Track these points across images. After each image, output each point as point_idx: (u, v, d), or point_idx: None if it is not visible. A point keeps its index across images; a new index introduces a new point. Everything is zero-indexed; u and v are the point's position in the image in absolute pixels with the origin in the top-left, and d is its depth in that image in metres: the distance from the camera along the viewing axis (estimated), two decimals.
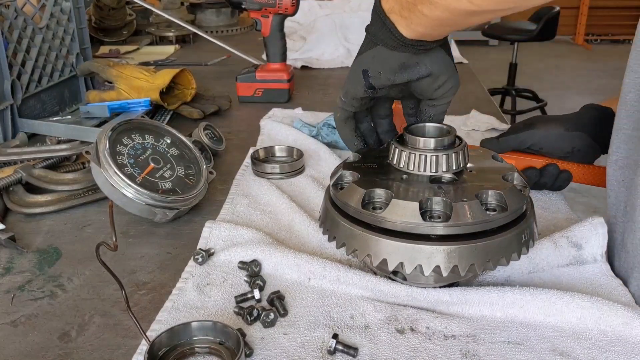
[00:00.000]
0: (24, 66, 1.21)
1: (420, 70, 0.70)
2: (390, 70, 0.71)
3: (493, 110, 1.37)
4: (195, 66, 1.82)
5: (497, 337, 0.63)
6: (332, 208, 0.69)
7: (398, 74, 0.71)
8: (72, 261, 0.81)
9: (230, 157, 1.14)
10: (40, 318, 0.69)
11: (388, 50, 0.70)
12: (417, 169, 0.68)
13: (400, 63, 0.70)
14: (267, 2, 1.40)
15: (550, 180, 0.91)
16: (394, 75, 0.71)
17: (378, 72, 0.71)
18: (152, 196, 0.84)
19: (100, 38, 2.13)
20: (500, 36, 4.11)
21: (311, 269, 0.72)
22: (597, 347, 0.61)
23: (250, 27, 2.40)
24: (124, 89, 1.30)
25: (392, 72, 0.71)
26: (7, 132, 1.16)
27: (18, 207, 0.92)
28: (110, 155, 0.84)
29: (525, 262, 0.73)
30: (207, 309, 0.68)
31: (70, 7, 1.34)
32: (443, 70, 0.71)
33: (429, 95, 0.73)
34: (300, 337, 0.63)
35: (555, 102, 4.60)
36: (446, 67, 0.71)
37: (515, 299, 0.66)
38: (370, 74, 0.72)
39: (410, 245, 0.62)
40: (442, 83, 0.71)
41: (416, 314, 0.66)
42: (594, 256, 0.74)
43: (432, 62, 0.70)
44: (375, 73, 0.72)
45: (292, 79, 1.51)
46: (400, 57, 0.70)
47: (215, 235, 0.81)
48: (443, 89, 0.72)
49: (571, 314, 0.64)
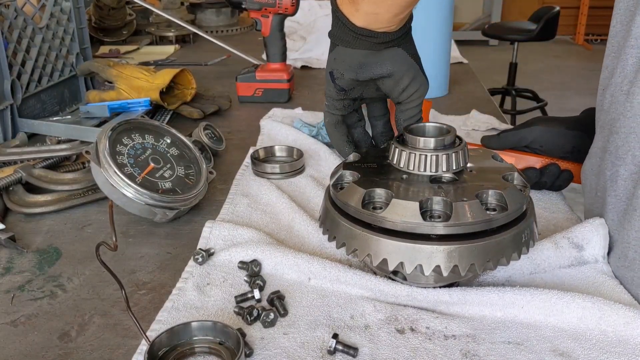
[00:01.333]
0: (24, 66, 1.21)
1: (380, 69, 0.71)
2: (350, 70, 0.72)
3: (493, 110, 1.37)
4: (195, 66, 1.82)
5: (497, 337, 0.63)
6: (332, 208, 0.69)
7: (359, 73, 0.72)
8: (72, 261, 0.80)
9: (230, 157, 1.14)
10: (40, 318, 0.69)
11: (346, 49, 0.71)
12: (417, 169, 0.68)
13: (359, 62, 0.71)
14: (267, 2, 1.40)
15: (550, 179, 0.91)
16: (355, 74, 0.72)
17: (340, 73, 0.73)
18: (152, 196, 0.84)
19: (100, 38, 2.13)
20: (500, 36, 4.11)
21: (311, 269, 0.72)
22: (598, 347, 0.61)
23: (250, 27, 2.40)
24: (124, 89, 1.30)
25: (352, 71, 0.72)
26: (7, 132, 1.16)
27: (18, 207, 0.92)
28: (110, 155, 0.84)
29: (526, 263, 0.73)
30: (207, 309, 0.68)
31: (70, 7, 1.34)
32: (405, 71, 0.72)
33: (396, 98, 0.74)
34: (300, 337, 0.63)
35: (555, 102, 4.60)
36: (408, 69, 0.72)
37: (516, 299, 0.65)
38: (335, 75, 0.73)
39: (410, 245, 0.62)
40: (405, 86, 0.72)
41: (416, 314, 0.66)
42: (595, 257, 0.74)
43: (393, 61, 0.71)
44: (338, 74, 0.74)
45: (292, 79, 1.51)
46: (358, 55, 0.71)
47: (215, 235, 0.81)
48: (407, 92, 0.73)
49: (572, 314, 0.64)
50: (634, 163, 0.69)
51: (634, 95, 0.67)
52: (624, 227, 0.71)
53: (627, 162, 0.70)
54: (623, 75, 0.70)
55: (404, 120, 0.75)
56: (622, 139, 0.70)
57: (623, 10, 0.71)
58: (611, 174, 0.73)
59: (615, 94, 0.72)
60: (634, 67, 0.68)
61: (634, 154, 0.69)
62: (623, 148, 0.70)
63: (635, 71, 0.68)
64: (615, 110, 0.72)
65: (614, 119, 0.72)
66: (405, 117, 0.75)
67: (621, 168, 0.71)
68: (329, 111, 0.79)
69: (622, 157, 0.71)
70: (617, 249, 0.73)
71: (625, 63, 0.69)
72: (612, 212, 0.74)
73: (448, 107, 1.41)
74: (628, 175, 0.70)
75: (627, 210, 0.70)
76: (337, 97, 0.76)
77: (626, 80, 0.69)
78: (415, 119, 0.75)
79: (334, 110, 0.78)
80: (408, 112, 0.75)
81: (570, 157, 0.92)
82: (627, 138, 0.70)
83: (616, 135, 0.72)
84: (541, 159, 0.93)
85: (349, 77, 0.72)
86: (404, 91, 0.73)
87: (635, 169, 0.69)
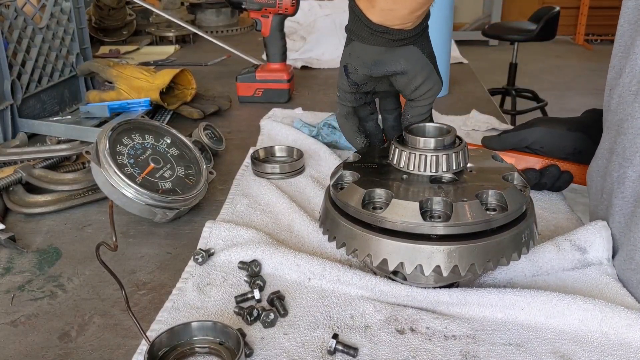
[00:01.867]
0: (24, 66, 1.21)
1: (394, 66, 0.72)
2: (364, 66, 0.72)
3: (493, 110, 1.37)
4: (195, 66, 1.82)
5: (498, 338, 0.63)
6: (332, 208, 0.69)
7: (373, 69, 0.72)
8: (72, 261, 0.80)
9: (230, 157, 1.14)
10: (40, 318, 0.69)
11: (362, 45, 0.71)
12: (417, 169, 0.68)
13: (374, 58, 0.72)
14: (267, 2, 1.40)
15: (550, 181, 0.91)
16: (369, 70, 0.72)
17: (355, 68, 0.74)
18: (152, 196, 0.84)
19: (100, 38, 2.13)
20: (500, 36, 4.11)
21: (311, 269, 0.72)
22: (599, 350, 0.61)
23: (250, 27, 2.40)
24: (124, 89, 1.30)
25: (366, 67, 0.72)
26: (7, 132, 1.16)
27: (18, 207, 0.92)
28: (110, 155, 0.84)
29: (528, 265, 0.73)
30: (207, 309, 0.68)
31: (70, 7, 1.34)
32: (419, 70, 0.72)
33: (408, 95, 0.74)
34: (300, 337, 0.63)
35: (556, 102, 4.60)
36: (422, 68, 0.72)
37: (516, 300, 0.65)
38: (349, 70, 0.74)
39: (410, 245, 0.62)
40: (418, 84, 0.72)
41: (416, 314, 0.66)
42: (599, 259, 0.73)
43: (407, 60, 0.71)
44: (352, 69, 0.74)
45: (292, 79, 1.51)
46: (373, 51, 0.71)
47: (215, 235, 0.81)
48: (420, 91, 0.73)
49: (573, 315, 0.64)
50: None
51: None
52: (631, 229, 0.70)
53: (635, 163, 0.69)
54: (632, 75, 0.69)
55: (412, 117, 0.75)
56: (629, 140, 0.69)
57: (631, 10, 0.70)
58: (618, 175, 0.72)
59: (624, 94, 0.71)
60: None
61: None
62: (631, 149, 0.69)
63: None
64: (623, 110, 0.71)
65: (621, 119, 0.71)
66: (414, 114, 0.75)
67: (629, 169, 0.70)
68: (340, 102, 0.79)
69: (630, 158, 0.70)
70: (623, 252, 0.72)
71: (635, 63, 0.68)
72: (618, 214, 0.73)
73: (448, 107, 1.41)
74: (636, 177, 0.69)
75: (634, 213, 0.69)
76: (350, 90, 0.76)
77: (634, 80, 0.68)
78: (423, 117, 0.75)
79: (345, 102, 0.78)
80: (418, 109, 0.74)
81: (571, 158, 0.92)
82: (635, 139, 0.69)
83: (624, 137, 0.70)
84: (541, 160, 0.93)
85: (362, 73, 0.73)
86: (417, 89, 0.73)
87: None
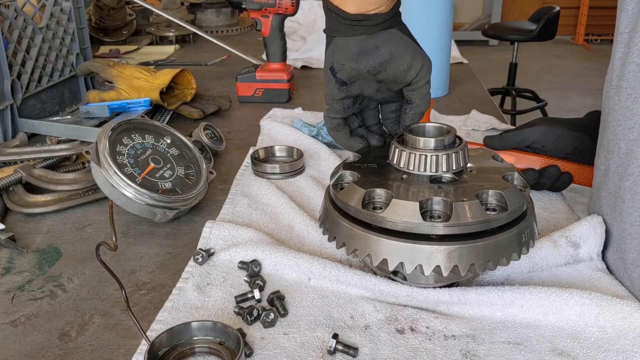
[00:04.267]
0: (24, 66, 1.21)
1: (381, 53, 0.72)
2: (351, 58, 0.73)
3: (493, 110, 1.37)
4: (195, 66, 1.82)
5: (497, 337, 0.63)
6: (332, 208, 0.69)
7: (360, 60, 0.72)
8: (72, 261, 0.80)
9: (230, 157, 1.14)
10: (40, 318, 0.69)
11: (343, 38, 0.72)
12: (417, 169, 0.68)
13: (358, 49, 0.72)
14: (267, 2, 1.40)
15: (549, 181, 0.92)
16: (357, 62, 0.73)
17: (341, 64, 0.73)
18: (152, 196, 0.84)
19: (100, 38, 2.13)
20: (500, 36, 4.11)
21: (311, 269, 0.72)
22: (597, 346, 0.61)
23: (250, 27, 2.40)
24: (124, 89, 1.30)
25: (353, 59, 0.72)
26: (7, 132, 1.16)
27: (18, 207, 0.92)
28: (110, 155, 0.84)
29: (524, 261, 0.73)
30: (207, 309, 0.68)
31: (70, 7, 1.34)
32: (404, 50, 0.72)
33: (404, 79, 0.74)
34: (300, 337, 0.63)
35: (555, 102, 4.61)
36: (406, 47, 0.73)
37: (515, 298, 0.66)
38: (336, 68, 0.74)
39: (410, 245, 0.62)
40: (409, 64, 0.73)
41: (416, 314, 0.66)
42: (590, 255, 0.75)
43: (390, 43, 0.72)
44: (339, 66, 0.74)
45: (292, 79, 1.51)
46: (356, 42, 0.72)
47: (215, 235, 0.81)
48: (414, 70, 0.73)
49: (570, 311, 0.64)
50: (619, 155, 0.70)
51: (621, 89, 0.69)
52: (615, 219, 0.72)
53: (616, 155, 0.71)
54: (612, 70, 0.72)
55: (418, 100, 0.75)
56: (611, 132, 0.72)
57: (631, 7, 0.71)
58: (604, 168, 0.74)
59: (607, 89, 0.74)
60: (620, 61, 0.69)
61: (619, 146, 0.70)
62: (612, 141, 0.72)
63: (621, 66, 0.69)
64: (607, 105, 0.73)
65: (606, 113, 0.74)
66: (418, 96, 0.74)
67: (611, 161, 0.72)
68: (329, 116, 0.78)
69: (612, 150, 0.72)
70: (613, 243, 0.74)
71: (613, 59, 0.71)
72: (605, 206, 0.75)
73: (448, 107, 1.41)
74: (615, 168, 0.71)
75: (615, 203, 0.72)
76: (338, 96, 0.76)
77: (614, 75, 0.71)
78: (428, 97, 0.75)
79: (334, 114, 0.78)
80: (421, 89, 0.74)
81: (572, 158, 0.92)
82: (615, 131, 0.71)
83: (607, 130, 0.73)
84: (541, 159, 0.93)
85: (350, 67, 0.73)
86: (410, 69, 0.73)
87: (621, 161, 0.70)
